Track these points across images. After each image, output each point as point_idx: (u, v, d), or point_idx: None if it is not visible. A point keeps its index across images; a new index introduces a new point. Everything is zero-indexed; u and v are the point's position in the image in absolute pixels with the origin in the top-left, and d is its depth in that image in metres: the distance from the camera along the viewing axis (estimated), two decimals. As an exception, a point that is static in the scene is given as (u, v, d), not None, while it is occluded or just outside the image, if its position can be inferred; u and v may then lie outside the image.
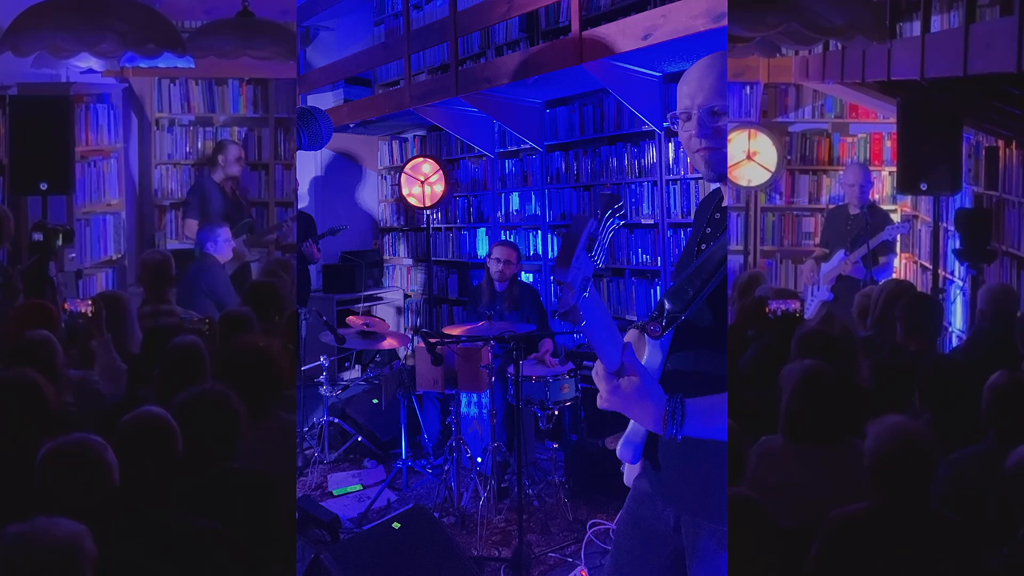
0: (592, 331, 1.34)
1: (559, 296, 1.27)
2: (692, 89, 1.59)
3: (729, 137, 1.75)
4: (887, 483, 1.97)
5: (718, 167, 1.60)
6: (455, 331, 4.18)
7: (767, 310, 3.20)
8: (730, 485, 1.65)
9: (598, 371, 1.44)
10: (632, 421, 1.68)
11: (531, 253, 6.05)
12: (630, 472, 1.79)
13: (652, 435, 1.66)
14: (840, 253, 4.73)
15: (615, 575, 1.80)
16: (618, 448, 1.69)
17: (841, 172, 5.33)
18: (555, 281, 1.24)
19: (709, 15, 3.60)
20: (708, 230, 1.67)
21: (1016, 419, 2.23)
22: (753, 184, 5.20)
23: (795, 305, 3.23)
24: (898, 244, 4.97)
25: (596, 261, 1.27)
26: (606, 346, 1.40)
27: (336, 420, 4.88)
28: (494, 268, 4.73)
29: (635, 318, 5.22)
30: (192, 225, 5.23)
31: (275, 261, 4.33)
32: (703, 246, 1.64)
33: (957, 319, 4.54)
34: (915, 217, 5.24)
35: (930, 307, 3.26)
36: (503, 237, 6.16)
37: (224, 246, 4.55)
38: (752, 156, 5.10)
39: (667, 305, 1.58)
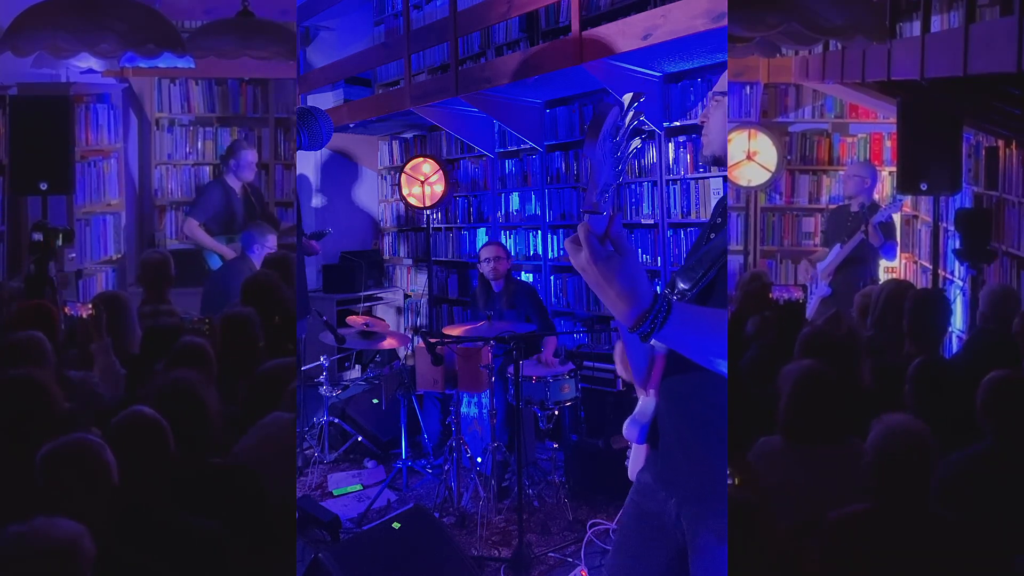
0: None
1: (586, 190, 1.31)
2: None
3: (729, 137, 1.79)
4: (888, 482, 1.97)
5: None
6: (455, 331, 4.18)
7: (770, 296, 3.21)
8: (731, 482, 1.65)
9: (584, 229, 1.29)
10: (641, 401, 1.70)
11: (531, 253, 6.05)
12: (634, 465, 1.81)
13: (656, 419, 1.69)
14: (836, 247, 4.74)
15: (618, 569, 1.81)
16: (624, 426, 1.72)
17: (842, 172, 5.34)
18: (587, 185, 1.27)
19: (709, 15, 3.60)
20: (719, 220, 1.72)
21: (1014, 418, 2.23)
22: (753, 184, 5.21)
23: (798, 294, 3.24)
24: (899, 232, 4.96)
25: (618, 167, 1.27)
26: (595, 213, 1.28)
27: (336, 420, 4.88)
28: (486, 269, 4.76)
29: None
30: (192, 224, 5.14)
31: (275, 259, 4.29)
32: (712, 235, 1.70)
33: (957, 319, 4.54)
34: (915, 217, 5.24)
35: (936, 305, 3.25)
36: (503, 237, 6.17)
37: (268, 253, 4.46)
38: (752, 156, 5.10)
39: (679, 283, 1.63)
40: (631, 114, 1.26)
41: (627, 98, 1.26)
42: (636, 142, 1.28)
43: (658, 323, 1.29)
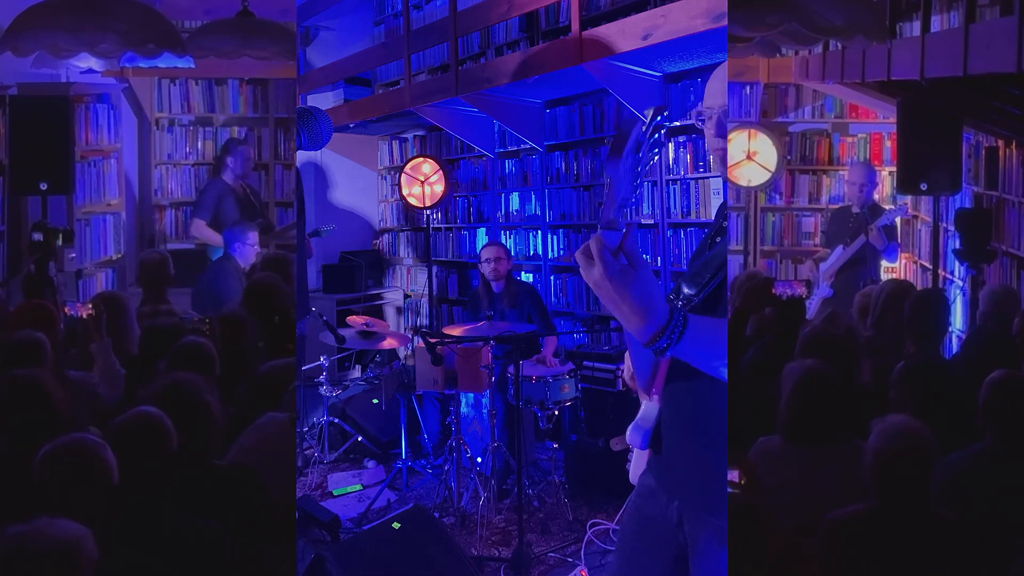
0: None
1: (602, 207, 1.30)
2: (715, 89, 1.64)
3: (729, 137, 1.79)
4: (888, 482, 1.97)
5: None
6: (455, 331, 4.18)
7: (772, 292, 3.20)
8: (731, 483, 1.65)
9: (597, 243, 1.25)
10: (644, 406, 1.70)
11: (531, 253, 6.05)
12: (636, 469, 1.81)
13: (659, 423, 1.69)
14: (838, 248, 4.74)
15: (620, 572, 1.81)
16: (627, 432, 1.72)
17: (843, 172, 5.33)
18: (603, 202, 1.25)
19: (709, 15, 3.60)
20: (725, 224, 1.73)
21: (1014, 418, 2.23)
22: (753, 184, 5.20)
23: (801, 290, 3.23)
24: (899, 232, 4.96)
25: (636, 181, 1.27)
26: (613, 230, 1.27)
27: (336, 420, 4.88)
28: (487, 269, 4.75)
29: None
30: (199, 224, 5.16)
31: (275, 259, 4.28)
32: (719, 240, 1.70)
33: (957, 319, 4.54)
34: (915, 217, 5.24)
35: (936, 305, 3.25)
36: (503, 237, 6.17)
37: (250, 251, 4.48)
38: (752, 156, 5.10)
39: (684, 288, 1.62)
40: (653, 128, 1.26)
41: (649, 112, 1.26)
42: (655, 155, 1.28)
43: (675, 339, 1.29)
